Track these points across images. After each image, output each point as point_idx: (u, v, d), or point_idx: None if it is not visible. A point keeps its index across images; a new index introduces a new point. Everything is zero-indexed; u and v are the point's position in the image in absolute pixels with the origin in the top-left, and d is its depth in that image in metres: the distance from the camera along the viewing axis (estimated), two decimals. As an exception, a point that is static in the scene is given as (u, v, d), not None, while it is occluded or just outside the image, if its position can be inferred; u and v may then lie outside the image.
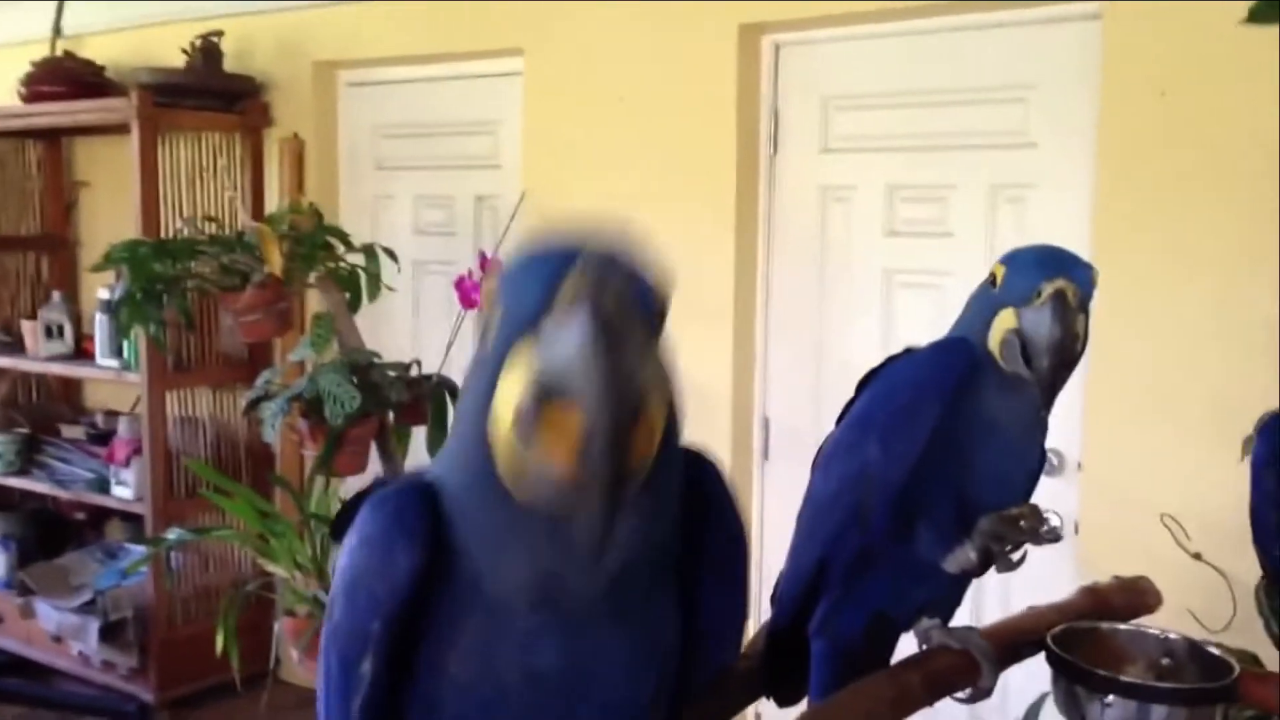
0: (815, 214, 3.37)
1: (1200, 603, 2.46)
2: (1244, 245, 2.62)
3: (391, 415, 3.30)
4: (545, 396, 0.69)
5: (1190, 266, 2.71)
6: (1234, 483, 2.48)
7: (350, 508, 0.88)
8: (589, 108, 3.57)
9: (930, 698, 1.21)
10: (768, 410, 3.47)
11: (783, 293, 3.44)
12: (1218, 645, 1.28)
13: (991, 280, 1.22)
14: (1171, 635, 1.31)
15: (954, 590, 1.32)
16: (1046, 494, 3.02)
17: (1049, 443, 3.04)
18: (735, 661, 0.94)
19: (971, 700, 1.29)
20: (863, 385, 1.31)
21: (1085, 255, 2.89)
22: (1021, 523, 1.16)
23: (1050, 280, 1.15)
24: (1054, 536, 1.20)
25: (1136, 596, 1.44)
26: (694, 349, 3.31)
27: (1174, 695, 1.17)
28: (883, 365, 1.30)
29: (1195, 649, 1.28)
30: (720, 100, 3.36)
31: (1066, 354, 1.14)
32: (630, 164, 3.52)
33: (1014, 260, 1.21)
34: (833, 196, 3.34)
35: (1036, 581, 2.01)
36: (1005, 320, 1.17)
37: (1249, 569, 2.42)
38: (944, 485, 1.20)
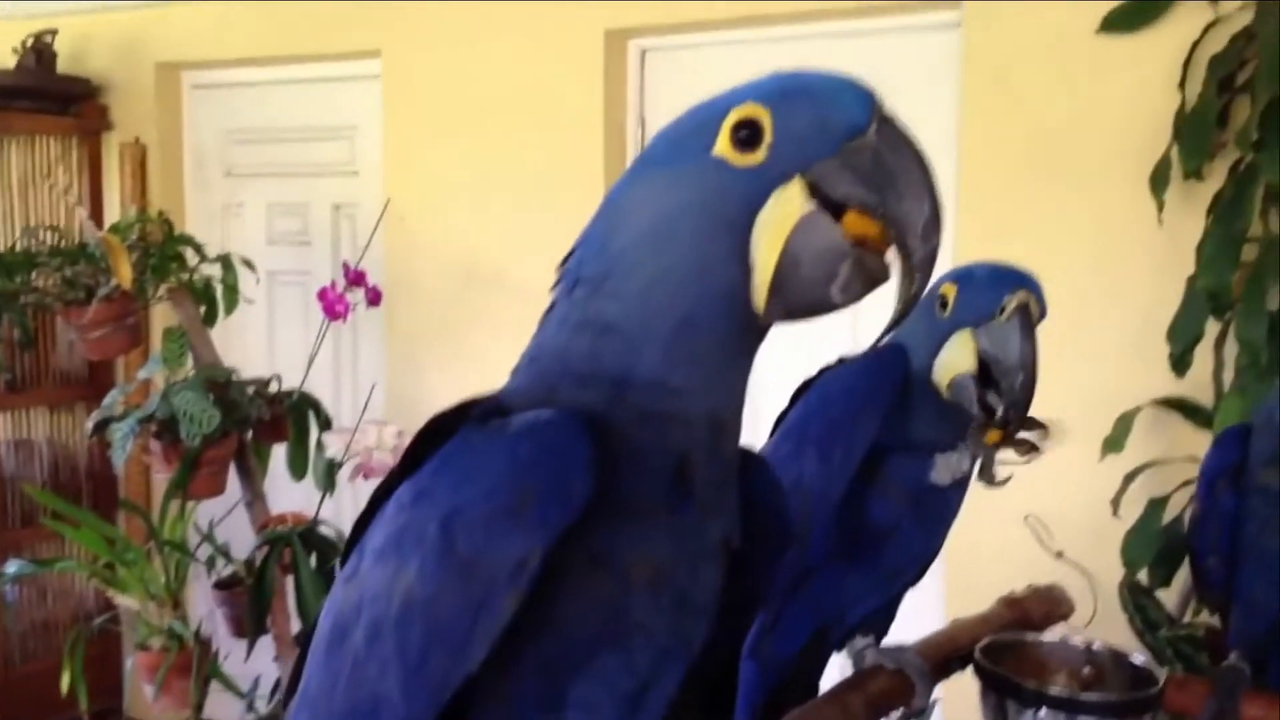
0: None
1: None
2: (1105, 251, 2.71)
3: (250, 433, 3.16)
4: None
5: (1049, 269, 2.77)
6: (1093, 483, 2.58)
7: (430, 436, 0.79)
8: (452, 112, 3.49)
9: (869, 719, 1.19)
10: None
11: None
12: (1140, 654, 1.30)
13: (941, 304, 1.18)
14: (1095, 645, 1.32)
15: (890, 605, 1.31)
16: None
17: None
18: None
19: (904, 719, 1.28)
20: (796, 396, 1.28)
21: (949, 261, 2.97)
22: (1030, 435, 1.15)
23: (1012, 294, 1.13)
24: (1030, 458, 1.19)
25: (1053, 605, 1.46)
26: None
27: (1104, 707, 1.18)
28: (818, 375, 1.27)
29: (1118, 658, 1.30)
30: (587, 105, 3.32)
31: (1035, 372, 1.12)
32: (496, 170, 3.45)
33: (968, 279, 1.18)
34: (700, 203, 3.33)
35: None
36: (961, 344, 1.14)
37: (1108, 567, 2.52)
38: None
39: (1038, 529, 2.73)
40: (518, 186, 3.42)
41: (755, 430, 1.35)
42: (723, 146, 0.76)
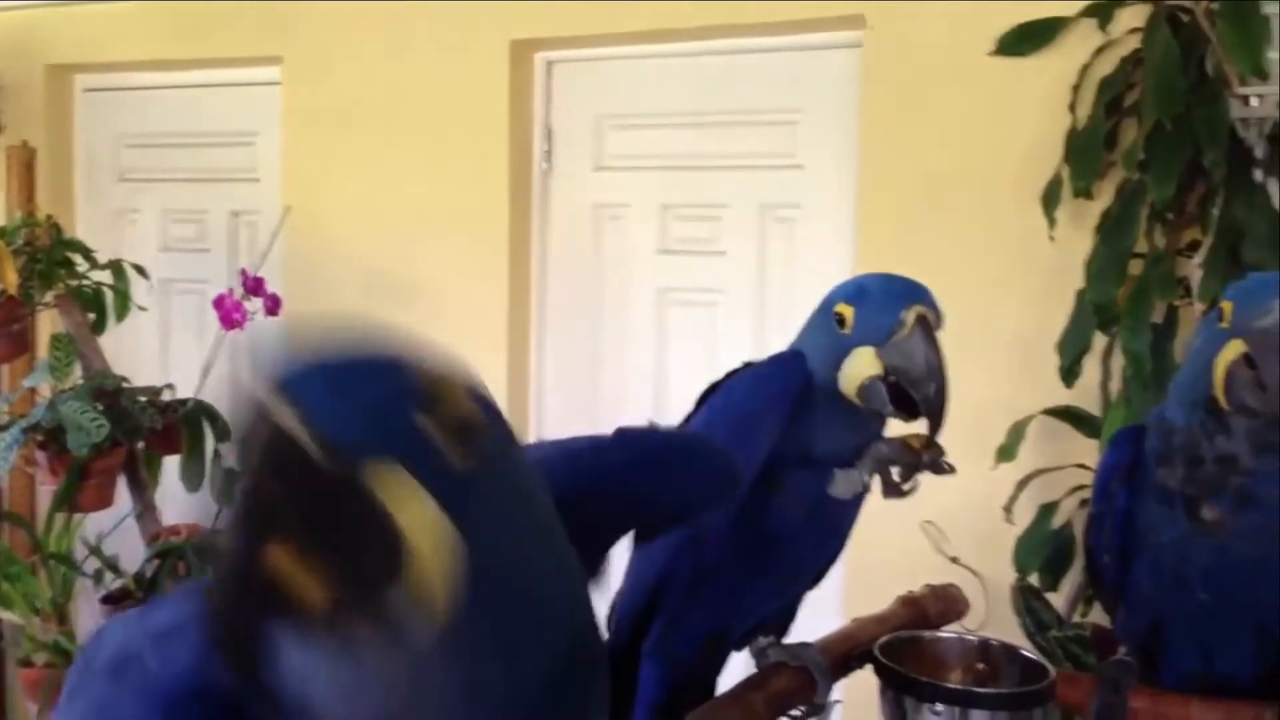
0: (589, 232, 3.36)
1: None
2: (1000, 265, 2.79)
3: (141, 444, 3.07)
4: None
5: (947, 283, 2.83)
6: (987, 490, 2.65)
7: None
8: (354, 120, 3.45)
9: (771, 716, 1.20)
10: (543, 432, 3.44)
11: (557, 310, 3.42)
12: (1030, 649, 1.34)
13: (839, 321, 1.20)
14: (989, 641, 1.36)
15: (789, 607, 1.32)
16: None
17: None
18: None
19: (806, 717, 1.29)
20: (702, 399, 1.29)
21: (851, 273, 3.02)
22: (922, 452, 1.16)
23: (908, 308, 1.15)
24: (951, 469, 1.20)
25: (950, 604, 1.49)
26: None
27: (997, 700, 1.21)
28: (722, 380, 1.28)
29: (1010, 652, 1.33)
30: (492, 116, 3.31)
31: (945, 380, 1.15)
32: (399, 179, 3.42)
33: (862, 297, 1.20)
34: (607, 214, 3.34)
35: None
36: (864, 358, 1.17)
37: (1000, 569, 2.58)
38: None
39: (934, 535, 2.78)
40: (421, 196, 3.39)
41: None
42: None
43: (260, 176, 3.72)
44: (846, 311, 1.19)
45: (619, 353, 3.33)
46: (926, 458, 1.18)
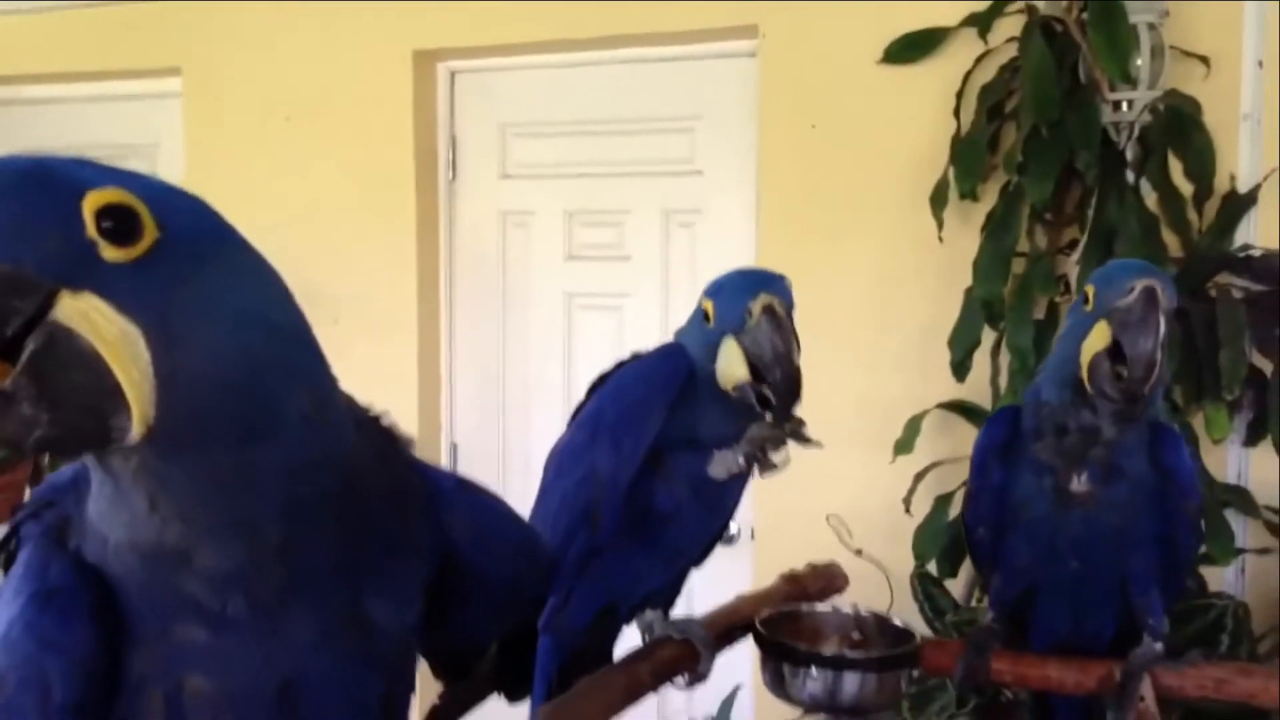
0: (496, 238, 3.40)
1: (863, 594, 2.66)
2: (895, 265, 2.88)
3: (47, 455, 3.03)
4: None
5: (842, 284, 2.95)
6: (886, 484, 2.74)
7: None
8: (256, 131, 3.45)
9: (657, 684, 1.26)
10: (455, 435, 3.46)
11: (466, 316, 3.45)
12: (899, 619, 1.41)
13: (705, 316, 1.28)
14: (861, 611, 1.43)
15: (675, 582, 1.38)
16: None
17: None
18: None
19: (690, 684, 1.35)
20: (593, 389, 1.35)
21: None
22: (789, 427, 1.23)
23: (755, 298, 1.22)
24: (812, 441, 1.27)
25: (829, 580, 1.56)
26: (378, 374, 3.26)
27: (866, 664, 1.28)
28: (611, 370, 1.35)
29: (881, 622, 1.41)
30: (396, 125, 3.33)
31: (793, 362, 1.21)
32: (305, 189, 3.42)
33: (719, 292, 1.28)
34: (513, 221, 3.39)
35: (718, 578, 2.10)
36: (731, 350, 1.23)
37: (901, 560, 2.67)
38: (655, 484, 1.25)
39: (839, 528, 2.88)
40: (327, 206, 3.40)
41: (507, 440, 1.43)
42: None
43: (162, 189, 3.69)
44: (709, 306, 1.27)
45: (528, 356, 3.38)
46: (788, 429, 1.24)
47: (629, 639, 1.39)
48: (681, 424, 1.25)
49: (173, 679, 0.71)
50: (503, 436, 3.38)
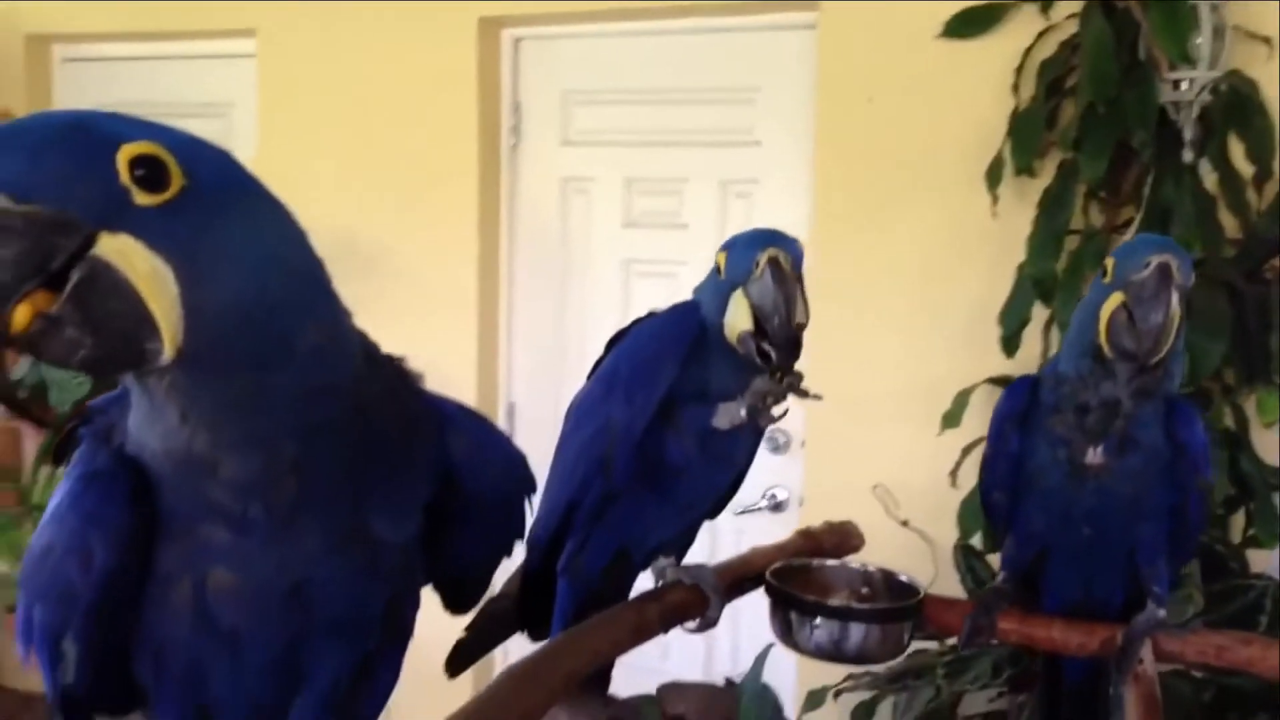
0: (556, 205, 3.46)
1: (907, 564, 2.70)
2: (948, 240, 2.89)
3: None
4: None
5: (900, 258, 2.97)
6: (934, 456, 2.75)
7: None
8: (327, 92, 3.53)
9: (665, 627, 1.31)
10: (513, 396, 3.54)
11: (525, 282, 3.52)
12: (906, 575, 1.45)
13: (717, 269, 1.32)
14: (870, 568, 1.47)
15: (687, 531, 1.43)
16: (775, 470, 3.24)
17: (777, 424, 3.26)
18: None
19: (700, 629, 1.41)
20: (610, 345, 1.41)
21: (806, 248, 3.12)
22: (787, 380, 1.28)
23: (763, 251, 1.27)
24: (811, 394, 1.32)
25: (844, 538, 1.60)
26: (438, 338, 3.37)
27: (869, 615, 1.33)
28: (629, 327, 1.40)
29: (889, 578, 1.45)
30: (462, 90, 3.39)
31: (792, 315, 1.25)
32: (372, 152, 3.50)
33: (731, 246, 1.33)
34: (573, 188, 3.44)
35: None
36: (738, 303, 1.28)
37: (948, 533, 2.69)
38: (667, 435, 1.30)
39: (885, 498, 2.90)
40: (393, 169, 3.48)
41: (563, 405, 1.50)
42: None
43: (234, 148, 3.77)
44: (721, 259, 1.32)
45: (585, 321, 3.43)
46: (787, 383, 1.29)
47: (644, 585, 1.44)
48: (693, 379, 1.30)
49: (199, 571, 0.80)
50: (558, 399, 3.43)
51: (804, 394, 1.30)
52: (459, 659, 1.34)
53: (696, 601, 1.36)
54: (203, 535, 0.79)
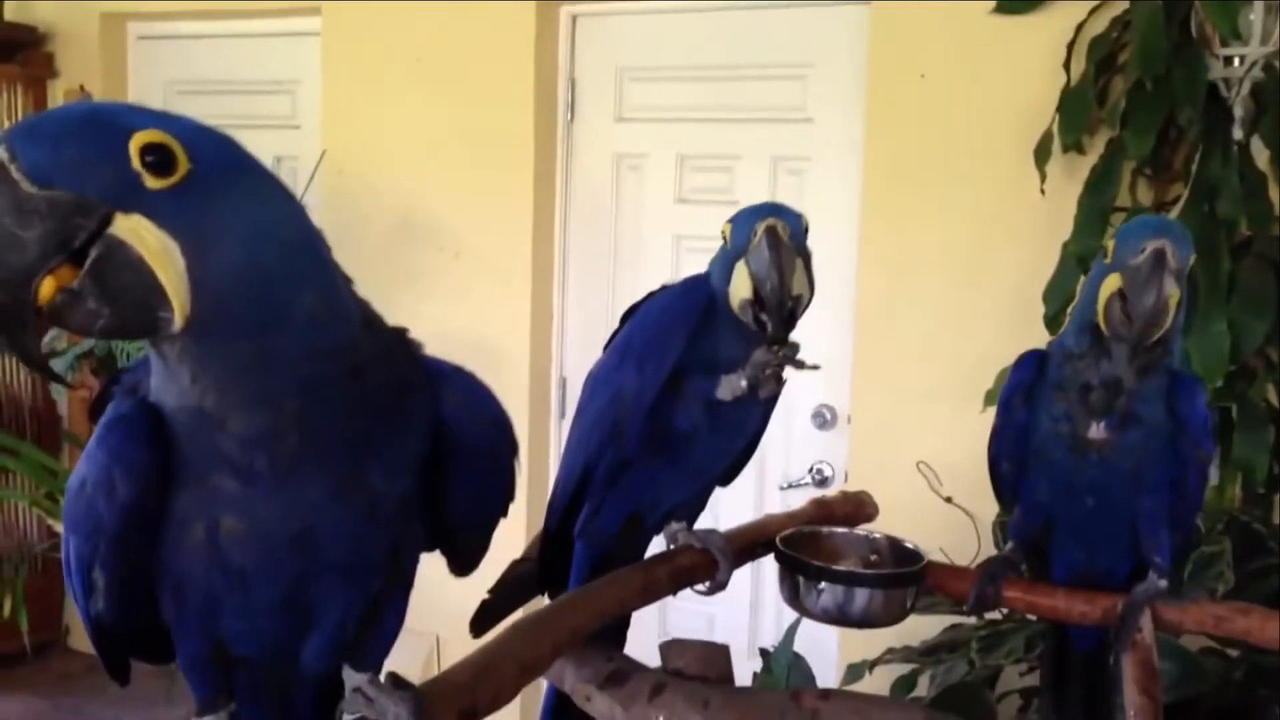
0: (610, 180, 3.51)
1: (950, 540, 2.72)
2: (995, 218, 2.89)
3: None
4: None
5: (948, 235, 2.97)
6: (979, 433, 2.76)
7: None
8: (389, 69, 3.61)
9: (674, 588, 1.37)
10: (565, 370, 3.60)
11: (579, 256, 3.58)
12: (912, 542, 1.49)
13: (724, 239, 1.37)
14: (877, 535, 1.51)
15: (698, 497, 1.48)
16: (821, 446, 3.27)
17: (823, 399, 3.29)
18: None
19: (710, 592, 1.46)
20: (625, 319, 1.46)
21: (856, 226, 3.13)
22: (783, 351, 1.32)
23: (761, 221, 1.31)
24: (813, 366, 1.36)
25: (858, 507, 1.64)
26: (493, 310, 3.45)
27: (874, 580, 1.37)
28: (641, 302, 1.45)
29: (896, 545, 1.49)
30: (519, 67, 3.45)
31: (785, 283, 1.29)
32: (431, 128, 3.58)
33: (735, 218, 1.37)
34: (627, 164, 3.48)
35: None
36: (740, 272, 1.33)
37: (992, 509, 2.70)
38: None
39: (928, 475, 2.93)
40: (452, 144, 3.55)
41: None
42: None
43: (301, 123, 3.90)
44: (726, 230, 1.37)
45: (636, 296, 3.43)
46: (783, 354, 1.33)
47: (659, 548, 1.49)
48: (702, 350, 1.35)
49: (211, 517, 0.88)
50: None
51: (800, 365, 1.34)
52: (483, 619, 1.40)
53: (706, 564, 1.41)
54: (214, 484, 0.86)
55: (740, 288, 1.31)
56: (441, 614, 1.32)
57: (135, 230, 0.76)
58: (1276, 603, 2.20)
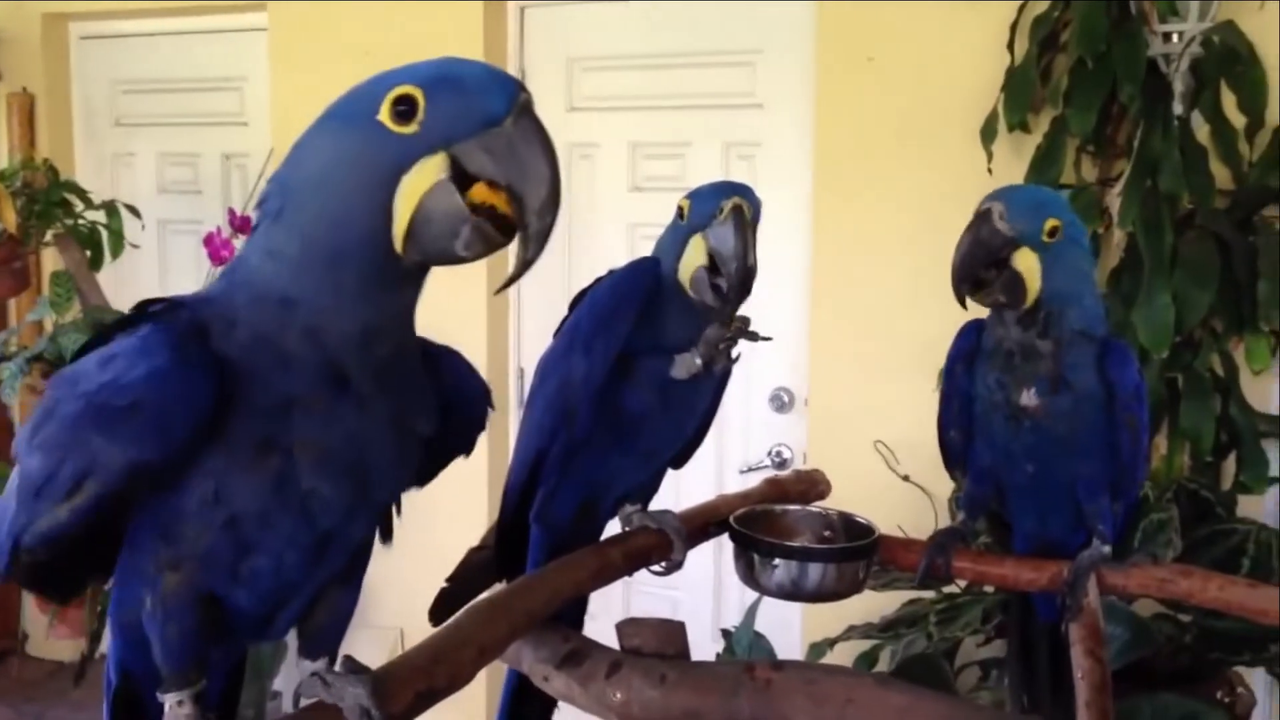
0: (563, 171, 3.46)
1: (908, 517, 2.75)
2: (945, 197, 2.90)
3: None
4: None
5: (899, 216, 3.00)
6: (933, 411, 2.79)
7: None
8: (337, 65, 3.57)
9: (630, 569, 1.38)
10: (522, 360, 3.61)
11: (533, 246, 3.56)
12: (864, 518, 1.51)
13: (680, 214, 1.39)
14: (830, 511, 1.53)
15: (652, 479, 1.50)
16: (780, 429, 3.29)
17: (781, 382, 3.31)
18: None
19: (666, 572, 1.48)
20: (575, 304, 1.47)
21: (808, 210, 3.14)
22: (734, 326, 1.34)
23: (728, 199, 1.33)
24: (760, 336, 1.38)
25: (811, 485, 1.66)
26: (448, 302, 3.42)
27: (826, 554, 1.39)
28: (592, 285, 1.46)
29: (848, 520, 1.51)
30: (469, 59, 3.43)
31: (747, 261, 1.31)
32: (380, 122, 3.55)
33: (696, 194, 1.39)
34: (579, 154, 3.49)
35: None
36: (695, 248, 1.34)
37: (948, 486, 2.74)
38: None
39: (885, 454, 2.96)
40: (402, 138, 3.53)
41: None
42: (384, 115, 0.89)
43: (249, 120, 3.88)
44: (685, 204, 1.38)
45: (592, 287, 3.48)
46: (736, 328, 1.35)
47: (615, 532, 1.51)
48: (650, 331, 1.36)
49: (284, 436, 0.90)
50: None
51: (754, 336, 1.36)
52: (442, 608, 1.41)
53: (661, 545, 1.43)
54: (306, 405, 0.89)
55: (696, 258, 1.33)
56: (404, 608, 1.33)
57: None
58: (1223, 567, 2.26)
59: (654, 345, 1.36)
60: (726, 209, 1.31)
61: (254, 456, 0.89)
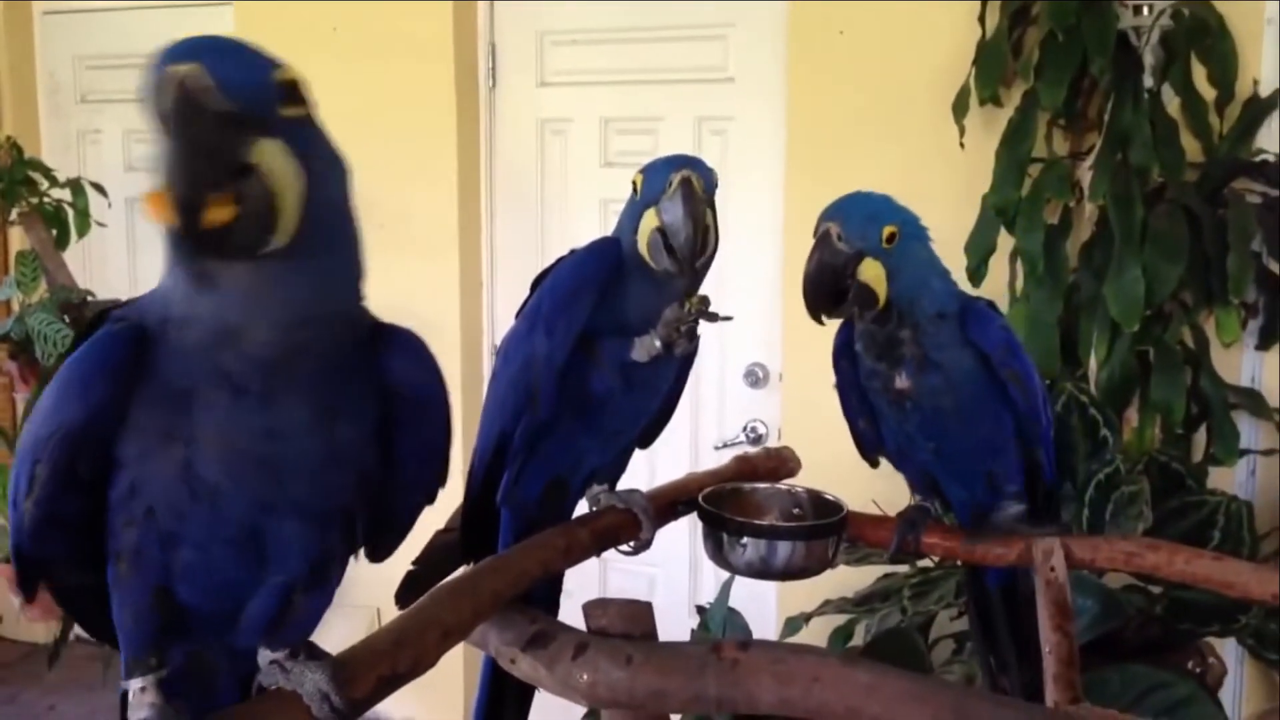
0: (534, 146, 3.49)
1: (883, 492, 2.76)
2: (917, 171, 2.90)
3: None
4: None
5: (870, 188, 2.95)
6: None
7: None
8: (305, 40, 3.54)
9: (598, 548, 1.38)
10: (496, 338, 3.59)
11: (506, 224, 3.55)
12: (832, 495, 1.51)
13: (634, 189, 1.37)
14: (798, 489, 1.53)
15: (619, 459, 1.49)
16: (755, 405, 3.28)
17: (755, 358, 3.30)
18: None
19: (635, 552, 1.47)
20: (535, 285, 1.46)
21: (780, 183, 3.12)
22: (692, 307, 1.33)
23: (677, 171, 1.32)
24: (720, 317, 1.37)
25: (780, 463, 1.65)
26: (421, 281, 3.42)
27: (794, 532, 1.39)
28: (551, 266, 1.45)
29: (817, 498, 1.51)
30: (437, 35, 3.41)
31: (698, 233, 1.30)
32: (350, 98, 3.51)
33: (648, 168, 1.39)
34: (550, 129, 3.46)
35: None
36: (649, 219, 1.33)
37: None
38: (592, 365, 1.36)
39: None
40: (372, 115, 3.49)
41: None
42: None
43: (216, 97, 3.82)
44: (638, 180, 1.38)
45: (565, 263, 3.46)
46: (696, 309, 1.34)
47: (584, 511, 1.50)
48: (613, 310, 1.35)
49: (192, 432, 0.90)
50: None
51: (713, 317, 1.35)
52: (409, 590, 1.40)
53: (629, 524, 1.42)
54: (203, 400, 0.89)
55: (648, 228, 1.32)
56: (381, 586, 1.32)
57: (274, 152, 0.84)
58: (1194, 539, 2.27)
59: (616, 325, 1.34)
60: (675, 181, 1.31)
61: (159, 445, 0.90)
